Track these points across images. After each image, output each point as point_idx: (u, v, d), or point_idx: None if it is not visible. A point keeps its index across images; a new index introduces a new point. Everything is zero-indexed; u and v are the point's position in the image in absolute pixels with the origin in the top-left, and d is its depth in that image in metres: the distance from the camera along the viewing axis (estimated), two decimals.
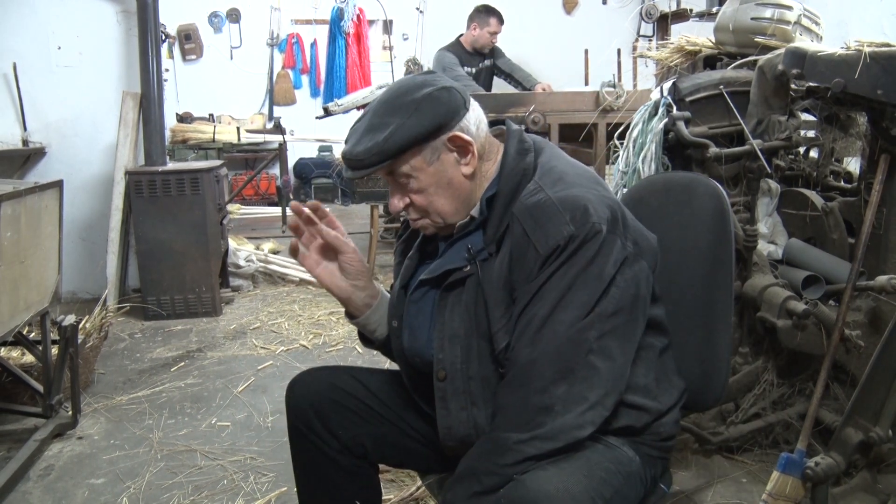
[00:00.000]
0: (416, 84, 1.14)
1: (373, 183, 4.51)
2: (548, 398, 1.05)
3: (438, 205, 1.17)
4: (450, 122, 1.13)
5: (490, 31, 4.72)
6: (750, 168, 2.12)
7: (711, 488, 2.01)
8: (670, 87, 2.18)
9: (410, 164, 1.14)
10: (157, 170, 3.77)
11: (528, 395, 1.06)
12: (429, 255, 1.30)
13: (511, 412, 1.08)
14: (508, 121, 1.28)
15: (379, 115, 1.14)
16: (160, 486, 2.14)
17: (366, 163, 1.12)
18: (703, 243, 1.35)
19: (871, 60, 1.74)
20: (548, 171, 1.17)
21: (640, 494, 1.18)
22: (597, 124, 3.36)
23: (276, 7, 7.59)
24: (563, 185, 1.13)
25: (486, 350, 1.16)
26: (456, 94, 1.15)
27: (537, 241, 1.09)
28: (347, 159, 1.15)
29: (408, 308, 1.28)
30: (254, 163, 7.37)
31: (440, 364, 1.20)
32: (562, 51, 6.34)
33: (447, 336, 1.19)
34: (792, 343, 1.98)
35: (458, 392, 1.19)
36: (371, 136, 1.12)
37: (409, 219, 1.24)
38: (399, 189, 1.19)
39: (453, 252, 1.22)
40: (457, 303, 1.19)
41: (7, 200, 2.09)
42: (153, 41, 3.88)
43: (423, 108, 1.11)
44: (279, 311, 3.88)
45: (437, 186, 1.16)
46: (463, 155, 1.16)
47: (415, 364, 1.29)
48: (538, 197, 1.12)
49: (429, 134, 1.12)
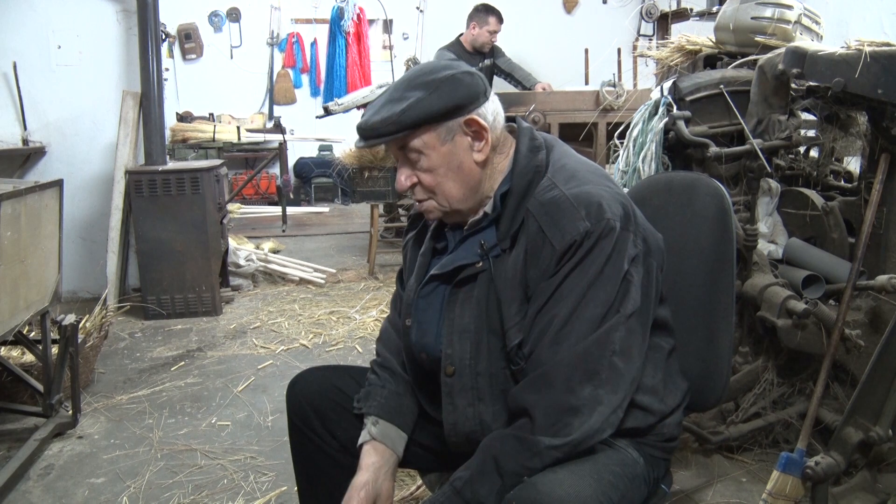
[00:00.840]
0: (441, 66, 1.16)
1: (373, 182, 4.52)
2: (574, 399, 1.05)
3: (446, 187, 1.17)
4: (469, 105, 1.14)
5: (489, 29, 4.72)
6: (750, 167, 2.12)
7: (711, 488, 2.01)
8: (670, 87, 2.18)
9: (424, 139, 1.13)
10: (158, 169, 3.77)
11: (556, 396, 1.06)
12: (439, 253, 1.29)
13: (539, 413, 1.06)
14: (518, 118, 1.28)
15: (400, 90, 1.14)
16: (160, 486, 2.14)
17: (380, 132, 1.12)
18: (705, 243, 1.35)
19: (871, 60, 1.74)
20: (560, 168, 1.18)
21: (644, 496, 1.18)
22: (597, 123, 3.36)
23: (276, 6, 7.60)
24: (577, 182, 1.14)
25: (496, 346, 1.16)
26: (479, 80, 1.16)
27: (553, 237, 1.09)
28: (361, 129, 1.15)
29: (417, 303, 1.27)
30: (254, 162, 7.38)
31: (448, 359, 1.19)
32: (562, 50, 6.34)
33: (456, 331, 1.18)
34: (792, 342, 1.98)
35: (466, 388, 1.19)
36: (389, 107, 1.12)
37: (414, 199, 1.23)
38: (408, 166, 1.18)
39: (465, 248, 1.22)
40: (467, 299, 1.18)
41: (7, 200, 2.09)
42: (153, 40, 3.88)
43: (445, 86, 1.12)
44: (279, 311, 3.88)
45: (447, 168, 1.15)
46: (477, 140, 1.16)
47: (420, 360, 1.29)
48: (553, 193, 1.13)
49: (447, 112, 1.12)
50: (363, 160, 4.45)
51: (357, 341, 3.38)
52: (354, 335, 3.47)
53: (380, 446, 1.26)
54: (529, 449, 1.05)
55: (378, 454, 1.25)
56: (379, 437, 1.26)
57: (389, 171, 4.48)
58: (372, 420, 1.28)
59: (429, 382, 1.29)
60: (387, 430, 1.27)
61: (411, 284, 1.30)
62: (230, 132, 6.71)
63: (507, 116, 1.24)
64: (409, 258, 1.36)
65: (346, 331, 3.51)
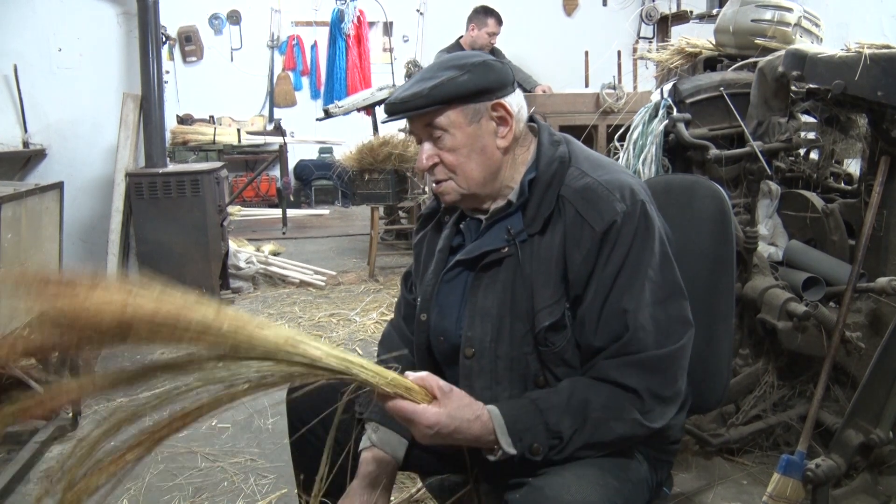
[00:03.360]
0: (474, 53, 1.20)
1: (373, 185, 4.52)
2: (671, 391, 1.12)
3: (468, 168, 1.18)
4: (498, 90, 1.17)
5: (488, 31, 4.71)
6: (750, 170, 2.12)
7: (712, 490, 2.01)
8: (670, 89, 2.19)
9: (451, 117, 1.15)
10: (158, 171, 3.77)
11: (664, 385, 1.11)
12: (455, 250, 1.29)
13: (647, 396, 1.10)
14: (536, 116, 1.29)
15: (432, 70, 1.18)
16: (160, 488, 2.14)
17: (409, 105, 1.14)
18: (705, 245, 1.35)
19: (871, 62, 1.74)
20: (585, 158, 1.22)
21: (646, 499, 1.18)
22: (597, 126, 3.37)
23: (276, 9, 7.60)
24: (605, 171, 1.18)
25: (519, 331, 1.17)
26: (509, 70, 1.20)
27: (592, 220, 1.12)
28: (391, 104, 1.17)
29: (440, 288, 1.27)
30: (254, 164, 7.38)
31: (469, 342, 1.20)
32: (562, 52, 6.36)
33: (479, 314, 1.19)
34: (792, 345, 1.98)
35: (485, 371, 1.19)
36: (420, 84, 1.15)
37: (432, 180, 1.24)
38: (432, 144, 1.19)
39: (492, 234, 1.22)
40: (492, 283, 1.19)
41: (8, 202, 2.09)
42: (154, 43, 3.88)
43: (477, 69, 1.15)
44: (279, 313, 3.88)
45: (470, 149, 1.17)
46: (502, 125, 1.18)
47: (437, 345, 1.28)
48: (585, 181, 1.16)
49: (477, 92, 1.15)
50: (363, 163, 4.45)
51: (357, 343, 3.38)
52: (355, 337, 3.47)
53: (379, 454, 1.25)
54: (622, 410, 1.08)
55: (376, 463, 1.25)
56: (379, 444, 1.26)
57: (389, 174, 4.48)
58: (372, 426, 1.27)
59: (439, 373, 1.29)
60: (387, 436, 1.27)
61: (429, 278, 1.30)
62: (230, 134, 6.71)
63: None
64: (426, 253, 1.35)
65: (346, 333, 3.51)
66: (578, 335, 1.15)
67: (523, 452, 1.06)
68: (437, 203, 1.35)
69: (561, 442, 1.07)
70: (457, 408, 1.05)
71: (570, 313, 1.15)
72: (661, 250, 1.14)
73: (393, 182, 4.51)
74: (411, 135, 1.27)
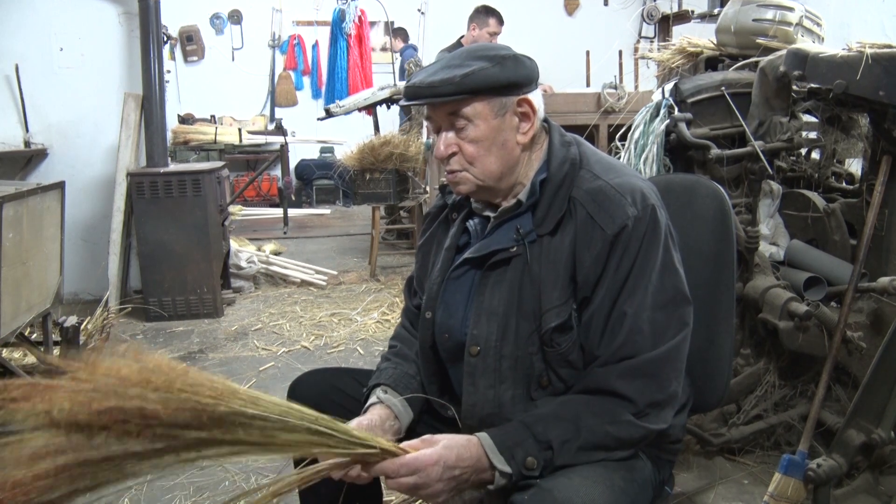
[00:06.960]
0: (500, 46, 1.19)
1: (374, 184, 4.52)
2: (664, 394, 1.12)
3: (487, 161, 1.17)
4: (525, 85, 1.17)
5: (489, 31, 4.71)
6: (751, 169, 2.12)
7: (713, 490, 2.01)
8: (672, 89, 2.18)
9: (477, 108, 1.14)
10: (159, 171, 3.78)
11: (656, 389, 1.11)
12: (461, 249, 1.29)
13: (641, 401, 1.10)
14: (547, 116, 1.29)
15: (459, 59, 1.15)
16: (162, 487, 2.14)
17: (439, 91, 1.12)
18: (705, 245, 1.35)
19: (872, 62, 1.74)
20: (596, 161, 1.22)
21: (650, 499, 1.19)
22: (598, 126, 3.36)
23: (277, 8, 7.61)
24: (615, 174, 1.18)
25: (525, 331, 1.17)
26: (535, 66, 1.20)
27: (603, 222, 1.13)
28: (416, 87, 1.14)
29: (446, 285, 1.27)
30: (255, 164, 7.39)
31: (474, 340, 1.20)
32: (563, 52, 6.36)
33: (485, 313, 1.19)
34: (794, 345, 1.98)
35: (489, 370, 1.19)
36: (449, 71, 1.13)
37: (447, 170, 1.22)
38: (453, 133, 1.18)
39: (500, 233, 1.22)
40: (499, 282, 1.19)
41: (9, 202, 2.09)
42: (155, 43, 3.88)
43: (509, 62, 1.14)
44: (280, 313, 3.89)
45: (492, 142, 1.16)
46: (524, 121, 1.18)
47: (442, 343, 1.27)
48: (597, 183, 1.17)
49: (507, 86, 1.14)
50: (364, 162, 4.46)
51: (358, 343, 3.38)
52: (356, 337, 3.47)
53: (385, 409, 1.24)
54: (615, 414, 1.09)
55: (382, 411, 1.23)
56: (387, 402, 1.25)
57: (391, 174, 4.48)
58: (382, 388, 1.27)
59: (441, 374, 1.29)
60: (395, 400, 1.26)
61: (434, 276, 1.29)
62: (231, 134, 6.72)
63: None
64: (434, 252, 1.35)
65: (347, 333, 3.52)
66: (583, 337, 1.15)
67: (519, 470, 1.05)
68: (444, 200, 1.35)
69: (553, 451, 1.06)
70: (447, 439, 1.06)
71: (577, 315, 1.15)
72: (664, 256, 1.14)
73: (394, 182, 4.51)
74: (428, 120, 1.25)
